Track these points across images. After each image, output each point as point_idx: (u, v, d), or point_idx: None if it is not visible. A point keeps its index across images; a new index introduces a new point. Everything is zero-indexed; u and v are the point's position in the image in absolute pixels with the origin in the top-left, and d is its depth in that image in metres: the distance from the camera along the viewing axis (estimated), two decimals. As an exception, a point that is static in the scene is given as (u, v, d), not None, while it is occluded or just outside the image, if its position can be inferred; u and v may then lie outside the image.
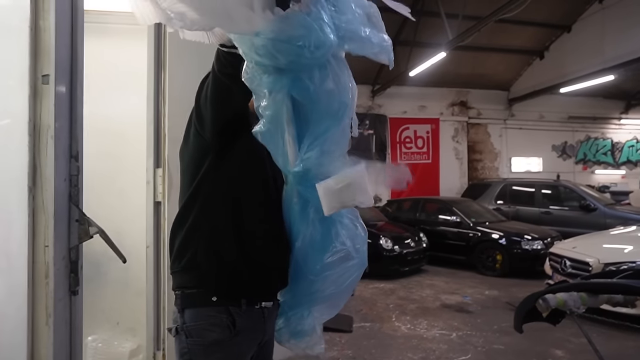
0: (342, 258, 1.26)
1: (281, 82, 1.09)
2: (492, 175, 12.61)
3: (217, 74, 1.18)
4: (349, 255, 1.27)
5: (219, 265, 1.32)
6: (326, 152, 1.15)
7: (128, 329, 2.75)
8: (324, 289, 1.29)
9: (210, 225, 1.32)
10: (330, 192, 1.15)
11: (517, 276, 7.12)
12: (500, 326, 4.67)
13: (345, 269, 1.27)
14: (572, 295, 2.45)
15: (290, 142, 1.15)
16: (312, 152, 1.14)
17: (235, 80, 1.14)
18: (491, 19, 7.44)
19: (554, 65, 11.34)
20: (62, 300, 1.18)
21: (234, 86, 1.15)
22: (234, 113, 1.25)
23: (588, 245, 5.63)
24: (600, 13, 10.16)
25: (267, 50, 1.02)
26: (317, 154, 1.14)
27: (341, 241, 1.25)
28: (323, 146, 1.15)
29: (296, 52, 1.02)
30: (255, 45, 1.03)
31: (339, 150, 1.20)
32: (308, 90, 1.10)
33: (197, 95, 1.30)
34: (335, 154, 1.19)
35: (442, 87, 12.13)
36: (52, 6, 1.18)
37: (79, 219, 1.22)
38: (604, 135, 14.11)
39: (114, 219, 2.43)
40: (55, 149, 1.17)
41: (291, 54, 1.02)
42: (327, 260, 1.24)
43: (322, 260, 1.25)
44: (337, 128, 1.16)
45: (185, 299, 1.34)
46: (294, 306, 1.37)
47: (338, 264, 1.25)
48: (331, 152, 1.17)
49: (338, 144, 1.19)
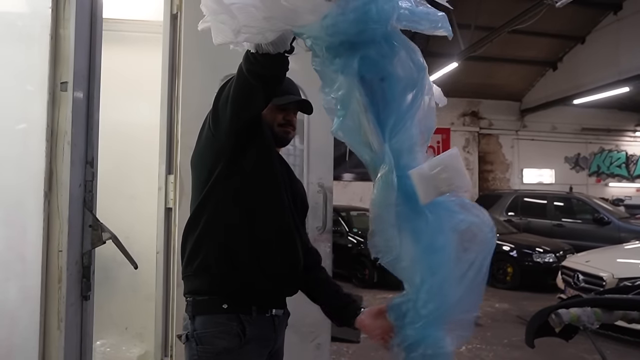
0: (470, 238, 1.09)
1: (352, 64, 1.05)
2: (503, 186, 12.50)
3: (245, 73, 1.18)
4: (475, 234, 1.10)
5: (229, 270, 1.33)
6: (415, 133, 1.08)
7: (136, 335, 2.76)
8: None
9: (221, 231, 1.33)
10: (425, 178, 1.06)
11: (528, 289, 7.01)
12: (511, 340, 4.59)
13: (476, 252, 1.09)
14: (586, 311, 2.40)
15: (372, 129, 1.08)
16: (399, 136, 1.06)
17: (263, 80, 1.15)
18: (504, 29, 7.42)
19: (568, 76, 11.25)
20: (74, 305, 1.19)
21: (260, 86, 1.16)
22: (252, 115, 1.26)
23: (602, 259, 5.53)
24: (615, 24, 10.08)
25: (336, 28, 1.01)
26: (404, 136, 1.07)
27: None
28: (410, 125, 1.07)
29: (364, 18, 1.00)
30: (325, 26, 1.02)
31: (427, 129, 1.12)
32: (378, 65, 1.06)
33: (216, 97, 1.30)
34: (425, 134, 1.11)
35: (454, 97, 12.09)
36: (72, 15, 1.20)
37: (92, 225, 1.24)
38: (618, 148, 13.92)
39: (125, 224, 2.45)
40: (71, 155, 1.19)
41: (360, 22, 1.01)
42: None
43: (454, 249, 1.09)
44: (420, 100, 1.07)
45: (197, 305, 1.34)
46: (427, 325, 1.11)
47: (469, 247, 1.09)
48: (419, 132, 1.09)
49: (426, 119, 1.11)
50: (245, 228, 1.33)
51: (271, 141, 1.44)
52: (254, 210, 1.36)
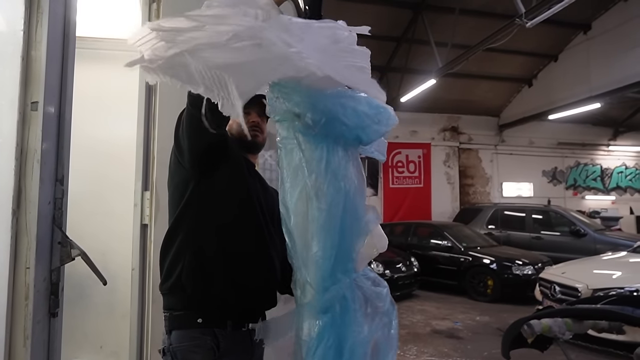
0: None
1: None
2: (483, 200, 12.70)
3: (188, 104, 1.20)
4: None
5: (204, 289, 1.35)
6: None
7: (112, 353, 2.71)
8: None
9: (194, 250, 1.35)
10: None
11: (509, 302, 7.10)
12: (491, 353, 4.64)
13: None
14: (557, 321, 2.47)
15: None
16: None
17: (202, 110, 1.12)
18: (478, 48, 7.66)
19: (542, 92, 11.61)
20: (41, 323, 1.19)
21: (202, 115, 1.13)
22: (208, 144, 1.28)
23: (577, 270, 5.66)
24: (585, 43, 10.50)
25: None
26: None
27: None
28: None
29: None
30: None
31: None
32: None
33: (175, 128, 1.34)
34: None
35: (434, 113, 12.34)
36: (44, 37, 1.23)
37: (61, 241, 1.24)
38: (593, 162, 14.32)
39: (101, 241, 2.45)
40: (40, 173, 1.20)
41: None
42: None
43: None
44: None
45: (173, 320, 1.37)
46: None
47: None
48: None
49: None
50: (219, 246, 1.36)
51: (241, 157, 1.48)
52: (227, 227, 1.39)
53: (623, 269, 5.41)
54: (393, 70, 10.55)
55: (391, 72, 10.61)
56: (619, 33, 9.42)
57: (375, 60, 10.83)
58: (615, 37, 9.50)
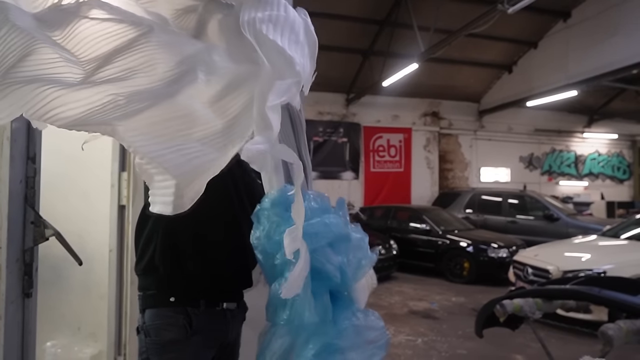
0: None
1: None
2: (462, 184, 12.92)
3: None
4: None
5: (176, 268, 1.36)
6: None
7: (89, 334, 2.69)
8: None
9: (167, 231, 1.35)
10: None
11: (484, 283, 7.31)
12: (465, 332, 4.79)
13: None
14: (528, 301, 2.57)
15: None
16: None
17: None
18: (461, 33, 7.68)
19: (522, 79, 11.77)
20: (15, 303, 1.17)
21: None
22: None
23: (549, 253, 5.86)
24: (565, 31, 10.63)
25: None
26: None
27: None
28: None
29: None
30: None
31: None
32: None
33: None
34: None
35: (415, 98, 12.39)
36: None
37: (34, 221, 1.22)
38: (568, 148, 14.69)
39: (78, 222, 2.40)
40: (11, 150, 1.17)
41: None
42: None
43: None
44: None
45: (146, 299, 1.39)
46: None
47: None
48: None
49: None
50: (191, 229, 1.36)
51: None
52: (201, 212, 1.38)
53: (592, 251, 5.63)
54: (375, 54, 10.50)
55: (373, 55, 10.56)
56: (597, 22, 9.57)
57: (358, 44, 10.74)
58: (594, 26, 9.64)
